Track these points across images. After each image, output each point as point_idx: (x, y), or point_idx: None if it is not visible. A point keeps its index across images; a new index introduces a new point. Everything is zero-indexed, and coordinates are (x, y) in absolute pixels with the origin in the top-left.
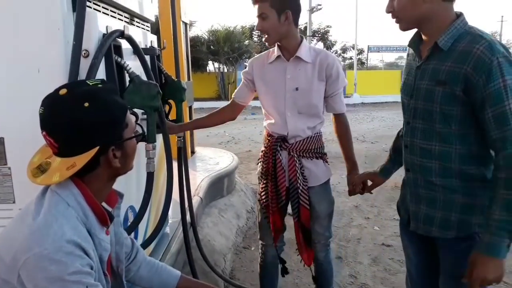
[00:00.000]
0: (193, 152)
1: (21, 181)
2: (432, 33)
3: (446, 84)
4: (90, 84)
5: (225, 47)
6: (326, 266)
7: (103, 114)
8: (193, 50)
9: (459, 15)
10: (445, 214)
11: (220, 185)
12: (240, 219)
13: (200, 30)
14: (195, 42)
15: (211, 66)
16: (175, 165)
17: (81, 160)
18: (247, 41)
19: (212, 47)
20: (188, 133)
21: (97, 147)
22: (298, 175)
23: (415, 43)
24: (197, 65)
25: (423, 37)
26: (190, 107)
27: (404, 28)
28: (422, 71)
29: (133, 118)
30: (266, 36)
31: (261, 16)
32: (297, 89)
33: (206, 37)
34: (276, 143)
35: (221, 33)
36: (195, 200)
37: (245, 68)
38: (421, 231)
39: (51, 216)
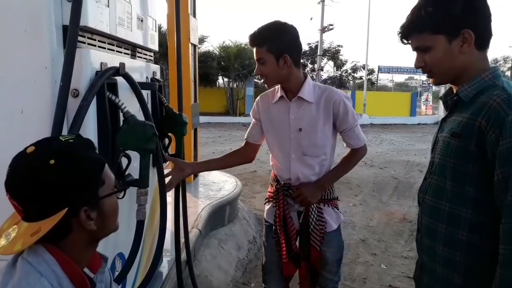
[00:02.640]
0: (196, 175)
1: None
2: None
3: (460, 137)
4: (63, 140)
5: (235, 63)
6: None
7: (71, 172)
8: (203, 66)
9: (492, 68)
10: None
11: (221, 214)
12: (241, 251)
13: (211, 45)
14: (206, 58)
15: (221, 81)
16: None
17: (47, 224)
18: None
19: (222, 63)
20: (191, 154)
21: (65, 210)
22: (312, 216)
23: (445, 96)
24: (207, 80)
25: (454, 89)
26: (195, 129)
27: (438, 83)
28: (445, 124)
29: (111, 174)
30: (265, 79)
31: (259, 61)
32: (300, 129)
33: (217, 53)
34: (282, 191)
35: (232, 50)
36: (193, 234)
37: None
38: None
39: None
